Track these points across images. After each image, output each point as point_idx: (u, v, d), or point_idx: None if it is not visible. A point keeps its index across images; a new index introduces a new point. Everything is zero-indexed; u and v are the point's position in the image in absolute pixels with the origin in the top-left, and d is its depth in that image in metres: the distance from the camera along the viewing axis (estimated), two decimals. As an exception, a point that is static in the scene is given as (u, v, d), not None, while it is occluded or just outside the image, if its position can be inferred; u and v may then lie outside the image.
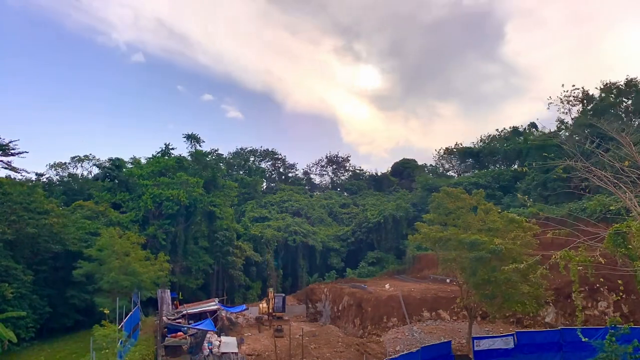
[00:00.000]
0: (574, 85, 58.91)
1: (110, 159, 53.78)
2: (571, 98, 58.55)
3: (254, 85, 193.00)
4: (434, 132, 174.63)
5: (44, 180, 52.49)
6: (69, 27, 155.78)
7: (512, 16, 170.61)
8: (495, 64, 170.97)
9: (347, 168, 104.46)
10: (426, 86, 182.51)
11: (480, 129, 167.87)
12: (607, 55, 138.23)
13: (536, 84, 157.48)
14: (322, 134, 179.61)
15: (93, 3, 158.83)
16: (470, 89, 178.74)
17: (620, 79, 54.95)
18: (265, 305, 40.40)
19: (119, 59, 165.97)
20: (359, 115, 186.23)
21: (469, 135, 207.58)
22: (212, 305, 36.36)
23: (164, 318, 31.03)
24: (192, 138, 60.39)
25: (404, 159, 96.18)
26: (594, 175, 17.55)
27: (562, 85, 70.87)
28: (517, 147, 68.31)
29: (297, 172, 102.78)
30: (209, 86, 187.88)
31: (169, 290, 37.23)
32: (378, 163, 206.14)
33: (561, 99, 59.18)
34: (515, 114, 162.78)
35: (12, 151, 36.18)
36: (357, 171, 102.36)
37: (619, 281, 24.47)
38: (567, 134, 54.45)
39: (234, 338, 30.15)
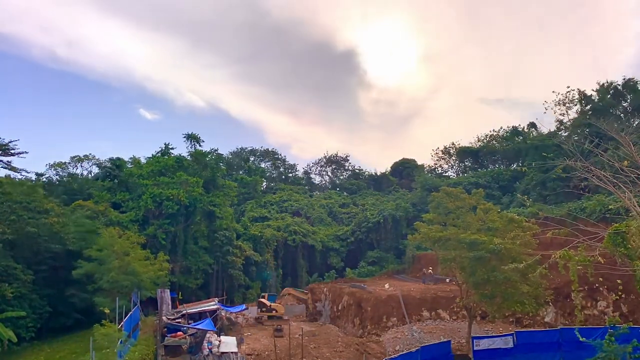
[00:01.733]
0: (569, 87, 59.26)
1: (110, 159, 53.89)
2: (567, 100, 58.67)
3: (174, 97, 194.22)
4: (365, 140, 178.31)
5: (44, 180, 52.51)
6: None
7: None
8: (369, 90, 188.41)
9: (346, 168, 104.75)
10: (331, 107, 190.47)
11: (399, 144, 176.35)
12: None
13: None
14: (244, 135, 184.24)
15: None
16: (364, 111, 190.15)
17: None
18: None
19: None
20: (278, 122, 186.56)
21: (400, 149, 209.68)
22: (212, 305, 36.38)
23: (164, 318, 31.05)
24: (192, 138, 60.31)
25: (403, 159, 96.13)
26: (593, 175, 17.55)
27: (553, 91, 71.58)
28: (516, 146, 68.47)
29: (297, 172, 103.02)
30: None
31: (168, 290, 37.21)
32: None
33: (557, 102, 59.27)
34: (419, 132, 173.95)
35: (12, 151, 36.27)
36: (357, 171, 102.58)
37: (618, 281, 24.54)
38: (566, 134, 54.54)
39: (234, 338, 30.13)
